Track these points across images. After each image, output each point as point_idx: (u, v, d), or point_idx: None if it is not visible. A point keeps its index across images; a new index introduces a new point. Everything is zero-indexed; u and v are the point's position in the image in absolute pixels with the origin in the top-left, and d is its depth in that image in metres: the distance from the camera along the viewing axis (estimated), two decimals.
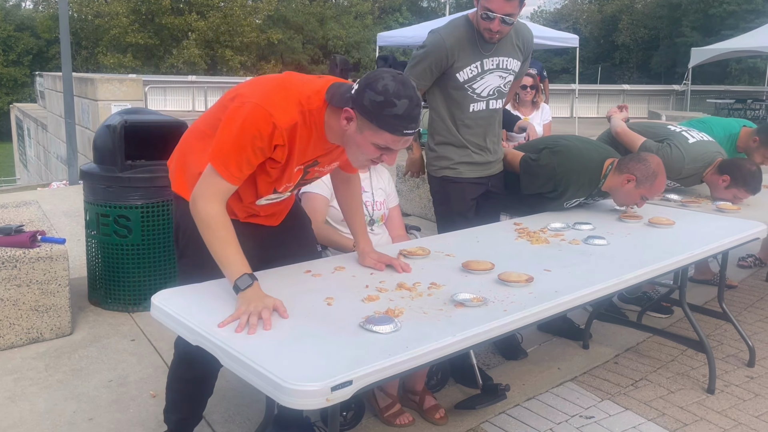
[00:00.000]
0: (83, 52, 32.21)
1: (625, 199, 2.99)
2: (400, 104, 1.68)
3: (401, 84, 1.71)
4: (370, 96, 1.69)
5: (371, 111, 1.70)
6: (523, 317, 1.81)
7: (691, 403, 2.79)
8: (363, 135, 1.75)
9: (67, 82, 8.56)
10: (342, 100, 1.76)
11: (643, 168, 2.87)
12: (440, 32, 2.87)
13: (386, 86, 1.68)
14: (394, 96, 1.68)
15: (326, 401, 1.40)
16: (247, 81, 1.99)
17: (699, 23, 31.10)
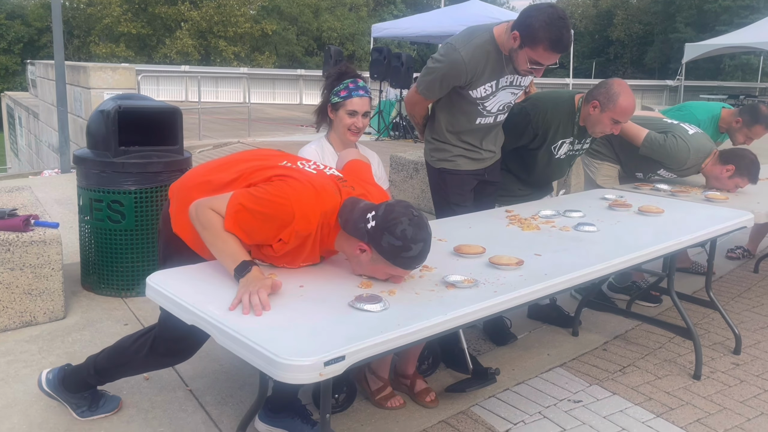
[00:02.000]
0: (75, 42, 31.97)
1: (596, 126, 3.01)
2: (415, 248, 1.80)
3: (417, 228, 1.81)
4: (388, 240, 1.79)
5: (389, 253, 1.81)
6: (513, 298, 1.84)
7: (677, 389, 2.83)
8: (376, 266, 1.88)
9: (59, 70, 8.52)
10: (357, 232, 1.84)
11: (604, 91, 2.92)
12: (460, 50, 2.68)
13: (404, 231, 1.78)
14: (411, 242, 1.79)
15: (319, 376, 1.42)
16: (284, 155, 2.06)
17: (693, 19, 31.19)
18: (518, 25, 2.53)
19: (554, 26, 2.43)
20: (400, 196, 6.16)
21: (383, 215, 1.80)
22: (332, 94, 2.65)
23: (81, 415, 2.40)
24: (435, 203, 3.22)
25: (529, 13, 2.51)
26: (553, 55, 2.50)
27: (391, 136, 11.48)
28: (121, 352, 2.30)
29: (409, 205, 1.87)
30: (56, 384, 2.41)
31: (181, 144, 3.74)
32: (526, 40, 2.49)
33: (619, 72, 33.95)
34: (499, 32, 2.68)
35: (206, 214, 1.88)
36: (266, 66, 30.62)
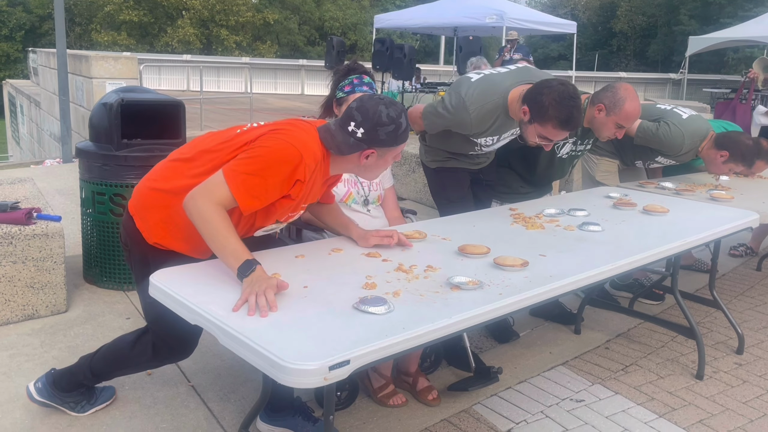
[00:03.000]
0: (77, 29, 31.84)
1: (601, 129, 2.99)
2: (403, 120, 1.99)
3: (392, 105, 1.97)
4: (384, 131, 1.95)
5: (389, 140, 1.97)
6: (518, 301, 1.83)
7: (680, 389, 2.83)
8: (384, 158, 2.03)
9: (61, 59, 8.48)
10: (351, 147, 1.96)
11: (611, 95, 2.91)
12: (470, 112, 2.66)
13: (389, 115, 1.95)
14: (398, 118, 1.97)
15: (324, 380, 1.42)
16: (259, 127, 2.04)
17: (697, 11, 31.01)
18: (529, 100, 2.53)
19: (564, 106, 2.43)
20: (402, 189, 6.16)
21: (364, 117, 1.94)
22: (338, 89, 2.65)
23: (80, 411, 2.39)
24: (436, 202, 3.24)
25: (540, 90, 2.50)
26: (563, 133, 2.51)
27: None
28: (121, 355, 2.27)
29: (374, 95, 2.05)
30: (48, 390, 2.37)
31: (184, 137, 3.72)
32: (536, 116, 2.49)
33: (621, 64, 33.81)
34: (513, 99, 2.67)
35: (205, 206, 1.82)
36: (268, 55, 30.51)
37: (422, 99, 11.76)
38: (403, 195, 6.17)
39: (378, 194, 2.82)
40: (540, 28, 13.06)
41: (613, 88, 2.94)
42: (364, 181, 2.76)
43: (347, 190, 2.71)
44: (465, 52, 12.32)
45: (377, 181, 2.82)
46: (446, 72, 18.92)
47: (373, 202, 2.79)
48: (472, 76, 2.81)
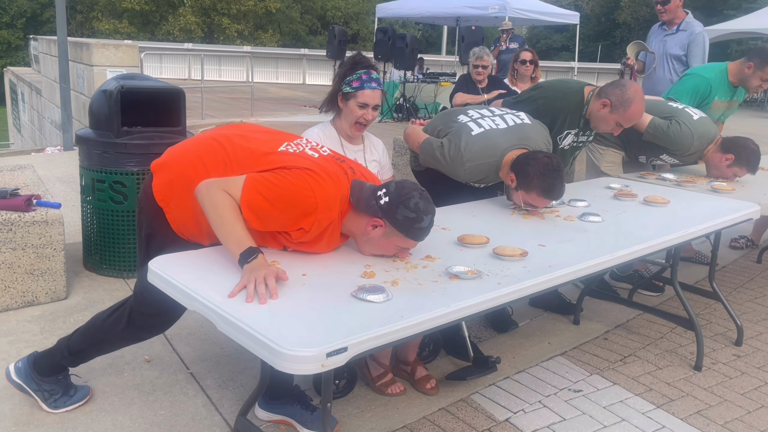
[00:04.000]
0: (78, 17, 31.71)
1: (600, 123, 3.02)
2: (426, 219, 1.95)
3: (427, 201, 1.97)
4: (403, 213, 1.92)
5: (403, 225, 1.93)
6: (516, 290, 1.83)
7: (678, 380, 2.83)
8: (389, 240, 1.98)
9: (62, 47, 8.46)
10: (370, 209, 1.95)
11: (619, 93, 2.91)
12: (466, 165, 2.74)
13: (417, 205, 1.93)
14: (423, 213, 1.94)
15: (321, 367, 1.42)
16: (294, 155, 2.01)
17: (701, 3, 30.81)
18: (516, 170, 2.62)
19: (548, 177, 2.52)
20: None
21: (396, 191, 1.94)
22: (344, 83, 2.60)
23: (52, 405, 2.34)
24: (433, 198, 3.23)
25: (527, 161, 2.60)
26: (546, 201, 2.60)
27: (395, 118, 11.42)
28: (95, 330, 2.26)
29: (416, 184, 2.01)
30: (27, 372, 2.35)
31: (184, 125, 3.71)
32: (522, 184, 2.59)
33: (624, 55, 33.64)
34: (507, 161, 2.73)
35: (218, 193, 1.85)
36: (269, 44, 30.41)
37: (424, 89, 11.73)
38: None
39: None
40: (543, 18, 12.99)
41: (622, 86, 2.93)
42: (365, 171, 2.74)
43: None
44: (467, 42, 12.25)
45: (376, 171, 2.81)
46: (448, 62, 18.87)
47: None
48: (473, 128, 2.81)
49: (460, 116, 2.93)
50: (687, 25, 4.66)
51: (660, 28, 4.81)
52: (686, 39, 4.61)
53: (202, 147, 2.08)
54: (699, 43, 4.58)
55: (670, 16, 4.67)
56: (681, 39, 4.64)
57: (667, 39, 4.72)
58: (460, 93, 5.12)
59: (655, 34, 4.86)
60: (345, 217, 1.99)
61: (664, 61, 4.73)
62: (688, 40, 4.59)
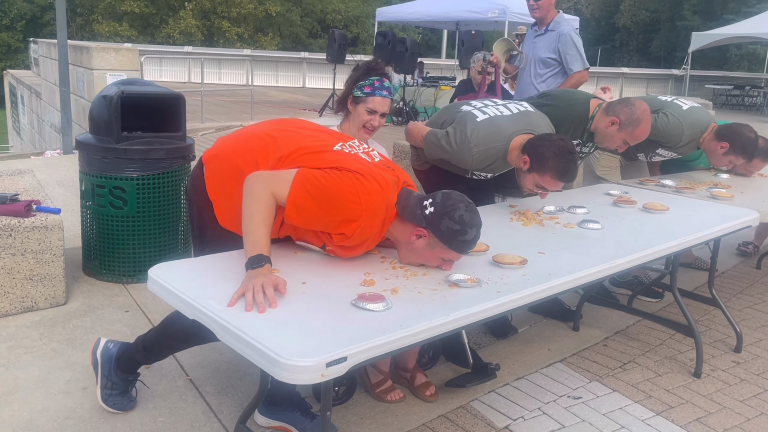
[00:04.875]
0: (78, 20, 31.74)
1: (606, 140, 3.04)
2: (471, 232, 1.93)
3: (473, 214, 1.95)
4: (447, 224, 1.91)
5: (447, 236, 1.92)
6: (516, 299, 1.83)
7: (677, 387, 2.83)
8: (433, 251, 1.97)
9: (62, 50, 8.46)
10: (415, 218, 1.95)
11: (629, 112, 2.92)
12: (473, 151, 2.74)
13: (462, 216, 1.92)
14: (468, 226, 1.92)
15: (321, 377, 1.42)
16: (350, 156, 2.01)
17: (700, 7, 30.91)
18: (529, 152, 2.61)
19: (563, 159, 2.52)
20: None
21: (442, 201, 1.93)
22: (356, 87, 2.63)
23: (106, 397, 2.36)
24: None
25: (541, 143, 2.59)
26: (559, 184, 2.60)
27: (394, 122, 11.42)
28: (168, 324, 2.26)
29: (464, 195, 1.99)
30: (110, 357, 2.35)
31: (184, 131, 3.71)
32: (535, 166, 2.58)
33: (624, 60, 33.71)
34: (513, 147, 2.73)
35: (262, 190, 1.86)
36: (269, 48, 30.43)
37: (423, 93, 11.74)
38: None
39: None
40: None
41: (631, 105, 2.94)
42: None
43: None
44: (467, 46, 12.26)
45: None
46: (448, 66, 18.88)
47: None
48: (477, 114, 2.83)
49: (464, 107, 2.96)
50: (556, 24, 4.33)
51: (532, 30, 4.54)
52: (554, 40, 4.29)
53: (254, 141, 2.10)
54: (569, 44, 4.23)
55: (542, 14, 4.32)
56: (549, 40, 4.32)
57: (537, 40, 4.42)
58: (461, 98, 5.13)
59: (529, 35, 4.60)
60: (390, 224, 1.99)
61: (531, 63, 4.44)
62: (557, 41, 4.27)
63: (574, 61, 4.23)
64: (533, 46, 4.42)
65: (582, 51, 4.26)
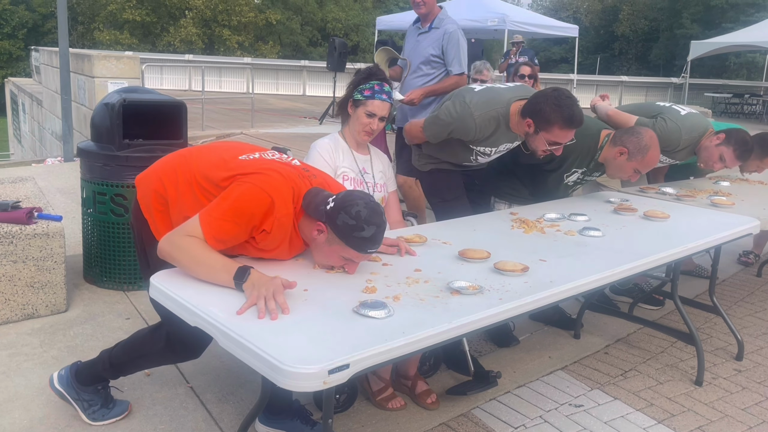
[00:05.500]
0: (79, 28, 31.87)
1: (617, 171, 3.05)
2: (368, 230, 1.88)
3: (372, 212, 1.89)
4: (343, 219, 1.86)
5: (343, 232, 1.87)
6: (517, 306, 1.83)
7: (679, 395, 2.83)
8: (332, 247, 1.93)
9: (63, 59, 8.49)
10: (317, 213, 1.92)
11: (636, 141, 2.93)
12: (474, 116, 2.76)
13: (359, 212, 1.87)
14: (364, 222, 1.87)
15: (323, 384, 1.42)
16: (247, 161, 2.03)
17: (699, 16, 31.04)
18: (529, 113, 2.63)
19: (564, 106, 2.55)
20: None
21: (342, 197, 1.90)
22: (357, 90, 2.65)
23: (91, 417, 2.35)
24: (433, 205, 3.26)
25: (537, 100, 2.62)
26: (570, 132, 2.60)
27: (393, 129, 11.44)
28: (137, 345, 2.28)
29: (369, 195, 1.98)
30: (68, 380, 2.38)
31: (185, 138, 3.72)
32: (541, 124, 2.60)
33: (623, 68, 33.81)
34: (514, 112, 2.77)
35: (180, 239, 1.86)
36: (270, 56, 30.53)
37: None
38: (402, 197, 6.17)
39: (382, 196, 2.82)
40: (542, 31, 13.08)
41: (638, 134, 2.96)
42: (369, 181, 2.76)
43: (353, 188, 2.71)
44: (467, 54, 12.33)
45: (381, 183, 2.83)
46: None
47: None
48: (475, 87, 2.93)
49: (460, 89, 3.07)
50: (440, 22, 4.06)
51: (414, 27, 4.21)
52: (440, 38, 4.00)
53: (175, 159, 2.14)
54: (455, 44, 3.97)
55: (427, 9, 4.02)
56: (434, 38, 4.02)
57: (421, 38, 4.10)
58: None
59: (410, 33, 4.25)
60: (300, 219, 1.98)
61: (417, 64, 4.10)
62: (442, 39, 3.99)
63: (455, 63, 3.98)
64: (417, 45, 4.11)
65: (465, 54, 4.03)
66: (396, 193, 2.94)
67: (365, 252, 1.93)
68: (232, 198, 1.89)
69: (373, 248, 1.93)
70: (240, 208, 1.88)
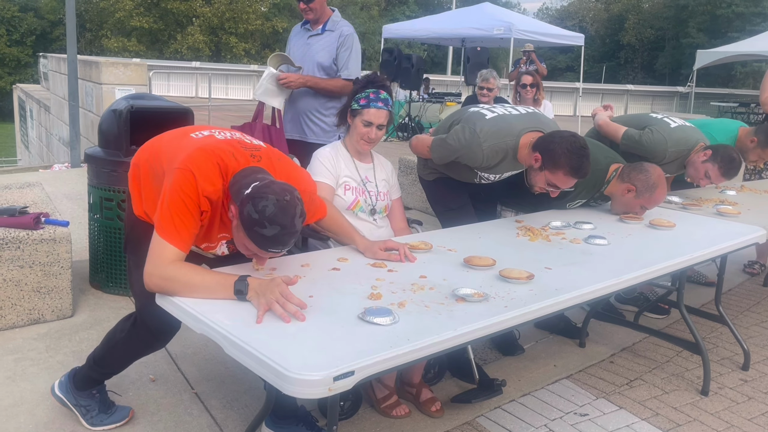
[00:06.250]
0: (87, 35, 32.11)
1: (624, 207, 3.05)
2: (269, 228, 1.76)
3: (281, 211, 1.76)
4: (249, 210, 1.76)
5: (246, 222, 1.78)
6: (523, 314, 1.83)
7: (684, 404, 2.82)
8: (239, 234, 1.84)
9: (71, 66, 8.55)
10: (236, 195, 1.84)
11: (644, 179, 2.91)
12: (483, 146, 2.71)
13: (264, 208, 1.75)
14: (267, 220, 1.75)
15: (328, 391, 1.42)
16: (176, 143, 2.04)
17: (705, 25, 31.05)
18: (541, 149, 2.60)
19: (576, 155, 2.51)
20: (408, 199, 6.16)
21: (259, 187, 1.79)
22: (354, 99, 2.66)
23: (90, 422, 2.36)
24: (438, 214, 3.25)
25: (552, 139, 2.58)
26: (572, 181, 2.58)
27: (399, 137, 11.47)
28: (111, 332, 2.32)
29: (289, 191, 1.80)
30: (67, 386, 2.41)
31: None
32: (548, 163, 2.56)
33: (629, 77, 33.83)
34: (523, 144, 2.72)
35: (163, 270, 1.82)
36: None
37: (429, 109, 11.80)
38: (409, 204, 6.18)
39: (385, 204, 2.83)
40: (548, 40, 13.08)
41: (646, 172, 2.94)
42: (371, 190, 2.77)
43: (355, 198, 2.72)
44: (473, 62, 12.35)
45: (384, 191, 2.83)
46: (453, 82, 18.98)
47: (380, 211, 2.79)
48: (486, 113, 2.84)
49: (471, 108, 2.98)
50: (334, 24, 3.78)
51: (303, 29, 3.88)
52: (334, 41, 3.74)
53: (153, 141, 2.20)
54: (349, 47, 3.73)
55: (315, 15, 3.74)
56: (329, 42, 3.75)
57: (312, 41, 3.78)
58: None
59: (297, 35, 3.91)
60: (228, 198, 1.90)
61: (311, 70, 3.76)
62: (338, 42, 3.73)
63: (346, 68, 3.72)
64: (308, 49, 3.77)
65: (359, 61, 3.78)
66: (400, 200, 2.95)
67: (266, 250, 1.82)
68: (167, 192, 1.87)
69: (276, 249, 1.81)
70: (177, 197, 1.85)
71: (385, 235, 2.75)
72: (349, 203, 2.70)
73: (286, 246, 1.83)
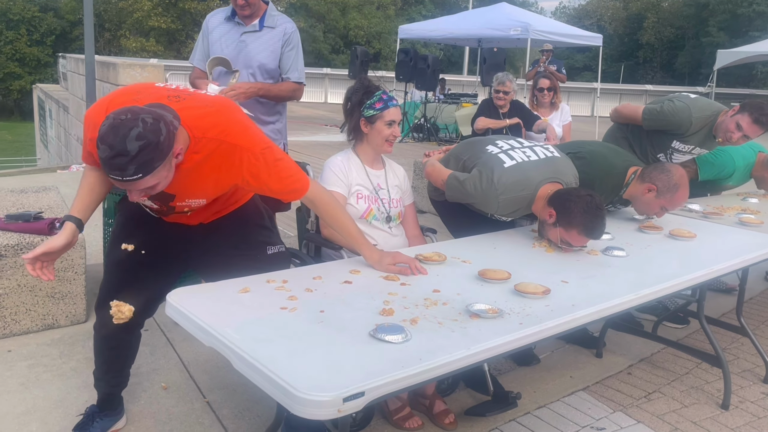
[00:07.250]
0: (106, 35, 32.43)
1: (645, 208, 2.96)
2: (101, 149, 1.63)
3: (112, 130, 1.61)
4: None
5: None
6: (538, 331, 1.78)
7: (704, 419, 2.75)
8: None
9: (89, 67, 8.61)
10: None
11: (665, 178, 2.84)
12: (499, 198, 2.65)
13: (103, 125, 1.62)
14: (99, 139, 1.63)
15: (338, 412, 1.39)
16: None
17: (726, 24, 30.64)
18: (556, 205, 2.54)
19: (591, 215, 2.45)
20: (421, 202, 6.11)
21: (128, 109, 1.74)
22: (365, 108, 2.63)
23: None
24: (448, 228, 3.18)
25: (568, 197, 2.52)
26: (585, 240, 2.52)
27: (414, 138, 11.43)
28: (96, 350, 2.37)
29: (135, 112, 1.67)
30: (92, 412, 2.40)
31: None
32: (562, 220, 2.50)
33: (648, 76, 33.47)
34: (540, 197, 2.66)
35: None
36: None
37: (445, 110, 11.73)
38: (423, 207, 6.13)
39: (399, 211, 2.80)
40: (565, 40, 12.96)
41: (668, 172, 2.87)
42: (384, 197, 2.74)
43: (368, 206, 2.69)
44: (489, 63, 12.28)
45: (397, 198, 2.80)
46: (470, 82, 18.89)
47: (394, 219, 2.76)
48: (504, 159, 2.74)
49: (489, 146, 2.87)
50: (273, 20, 3.31)
51: (231, 23, 3.30)
52: (278, 40, 3.28)
53: None
54: (295, 47, 3.34)
55: (252, 10, 3.25)
56: (270, 41, 3.28)
57: (248, 39, 3.27)
58: (482, 117, 5.11)
59: (225, 31, 3.31)
60: None
61: (247, 74, 3.28)
62: (282, 41, 3.29)
63: (293, 70, 3.33)
64: (243, 48, 3.27)
65: (302, 59, 3.41)
66: (413, 206, 2.91)
67: (109, 176, 1.69)
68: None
69: (113, 174, 1.65)
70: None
71: (399, 244, 2.72)
72: (362, 212, 2.67)
73: (124, 171, 1.64)
